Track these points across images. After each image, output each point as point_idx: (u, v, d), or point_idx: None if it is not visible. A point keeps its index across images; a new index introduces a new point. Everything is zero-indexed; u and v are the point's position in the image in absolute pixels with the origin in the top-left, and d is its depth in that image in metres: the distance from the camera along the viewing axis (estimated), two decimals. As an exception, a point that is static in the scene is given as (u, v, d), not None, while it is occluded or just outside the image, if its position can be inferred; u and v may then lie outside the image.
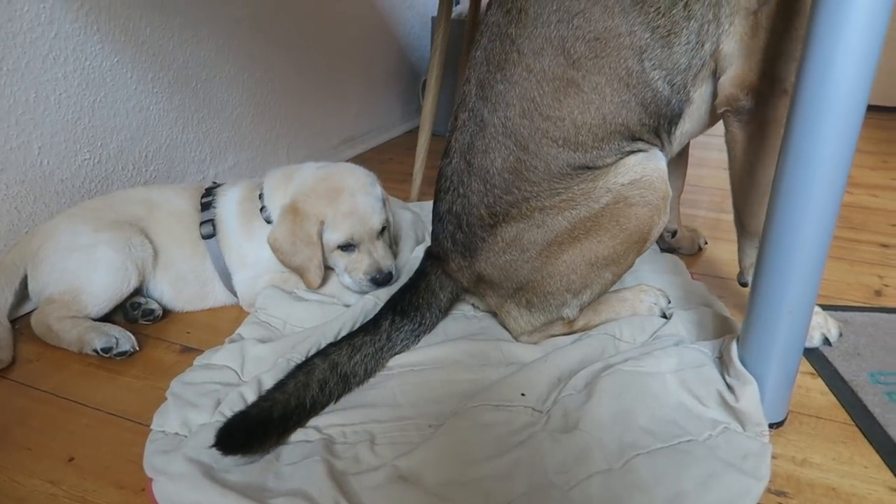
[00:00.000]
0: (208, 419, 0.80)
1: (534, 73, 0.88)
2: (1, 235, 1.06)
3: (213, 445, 0.71)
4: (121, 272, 0.99)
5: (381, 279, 1.04)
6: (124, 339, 0.95)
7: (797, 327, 0.79)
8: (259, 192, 1.09)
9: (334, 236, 1.02)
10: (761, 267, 0.79)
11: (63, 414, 0.86)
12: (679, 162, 1.21)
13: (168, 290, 1.07)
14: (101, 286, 0.98)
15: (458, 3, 2.17)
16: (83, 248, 0.99)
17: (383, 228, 1.07)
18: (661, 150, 0.94)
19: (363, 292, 1.05)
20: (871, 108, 2.65)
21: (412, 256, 1.19)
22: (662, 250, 1.33)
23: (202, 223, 1.07)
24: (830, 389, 0.93)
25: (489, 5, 0.95)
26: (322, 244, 1.02)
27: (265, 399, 0.79)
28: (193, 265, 1.07)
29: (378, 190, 1.07)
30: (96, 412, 0.86)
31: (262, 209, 1.07)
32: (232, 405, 0.80)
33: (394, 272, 1.07)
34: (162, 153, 1.32)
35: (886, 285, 1.24)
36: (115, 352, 0.94)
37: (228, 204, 1.09)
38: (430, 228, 1.24)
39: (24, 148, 1.06)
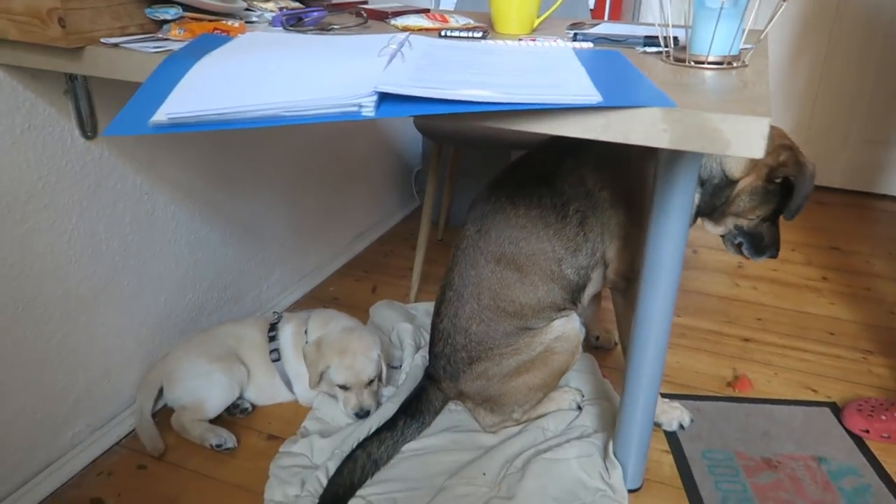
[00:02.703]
0: (299, 492, 1.35)
1: (495, 273, 1.44)
2: (144, 356, 1.60)
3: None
4: (229, 389, 1.55)
5: (361, 415, 1.56)
6: (230, 440, 1.50)
7: (643, 437, 1.36)
8: (304, 329, 1.64)
9: (335, 378, 1.56)
10: (622, 403, 1.36)
11: (207, 487, 1.40)
12: (594, 298, 1.78)
13: (253, 394, 1.63)
14: (217, 400, 1.53)
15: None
16: (203, 374, 1.53)
17: (372, 380, 1.59)
18: (577, 310, 1.51)
19: (350, 418, 1.58)
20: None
21: (413, 364, 1.75)
22: (592, 346, 1.90)
23: (271, 351, 1.63)
24: (676, 463, 1.50)
25: (465, 222, 1.51)
26: (321, 374, 1.56)
27: (332, 484, 1.34)
28: (267, 379, 1.62)
29: (376, 353, 1.58)
30: (225, 484, 1.41)
31: (306, 343, 1.62)
32: (313, 484, 1.36)
33: (372, 410, 1.57)
34: (234, 282, 1.87)
35: (737, 377, 1.81)
36: (223, 448, 1.49)
37: (285, 338, 1.64)
38: (426, 335, 1.82)
39: (156, 301, 1.60)
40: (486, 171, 2.50)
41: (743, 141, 0.67)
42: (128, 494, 1.38)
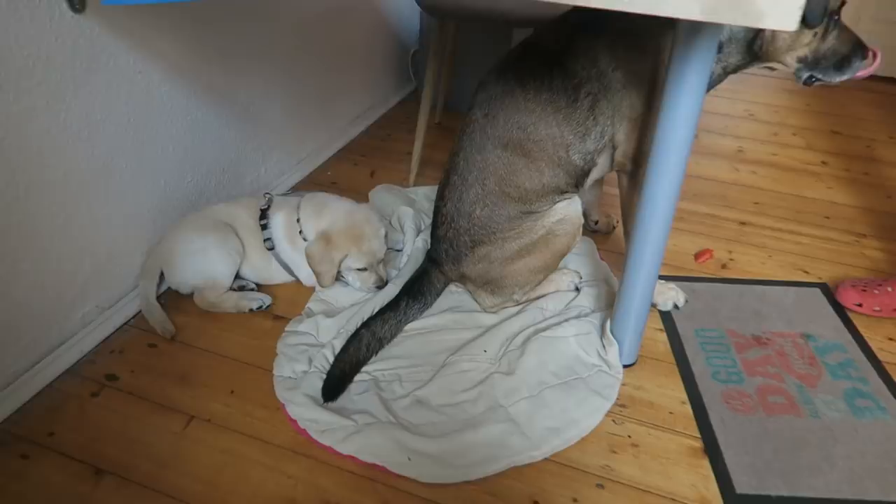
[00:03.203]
0: (307, 368, 1.40)
1: (501, 158, 1.42)
2: (146, 238, 1.60)
3: (325, 401, 1.32)
4: (228, 257, 1.56)
5: (382, 286, 1.61)
6: (265, 298, 1.59)
7: (640, 316, 1.40)
8: (297, 218, 1.61)
9: (355, 264, 1.56)
10: (621, 283, 1.39)
11: (216, 364, 1.45)
12: (596, 183, 1.77)
13: (249, 273, 1.64)
14: (223, 268, 1.56)
15: None
16: (199, 250, 1.54)
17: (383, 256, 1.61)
18: (578, 194, 1.51)
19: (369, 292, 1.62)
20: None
21: (415, 247, 1.76)
22: (591, 230, 1.92)
23: (265, 240, 1.62)
24: (669, 341, 1.56)
25: (471, 106, 1.47)
26: (339, 265, 1.56)
27: (338, 361, 1.38)
28: (262, 261, 1.63)
29: (383, 231, 1.62)
30: (235, 361, 1.46)
31: (300, 231, 1.60)
32: (320, 361, 1.40)
33: (390, 278, 1.64)
34: (232, 165, 1.84)
35: (732, 259, 1.84)
36: (263, 307, 1.58)
37: (277, 227, 1.62)
38: (426, 219, 1.83)
39: (156, 183, 1.59)
40: (486, 53, 2.42)
41: (778, 11, 0.64)
42: (140, 371, 1.43)
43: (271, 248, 1.63)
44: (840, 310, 1.65)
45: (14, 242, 1.26)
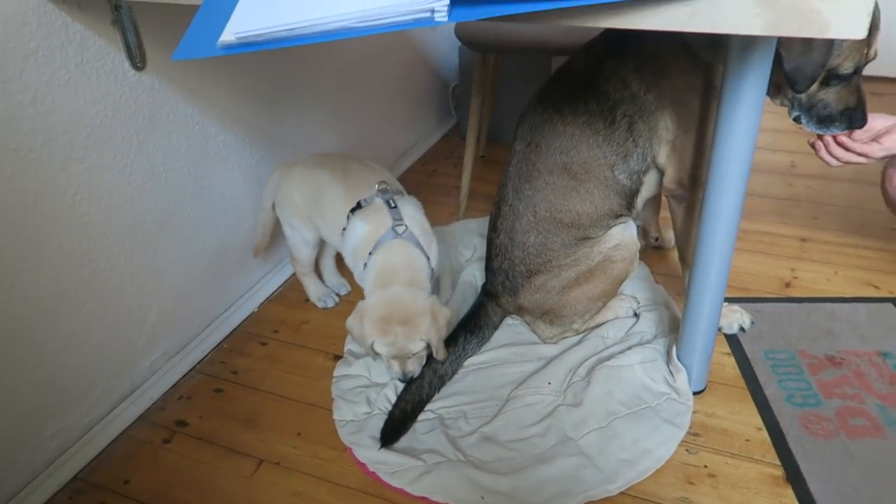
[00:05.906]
0: (369, 410, 1.40)
1: (549, 184, 1.42)
2: (207, 284, 1.64)
3: (382, 445, 1.30)
4: (308, 250, 1.67)
5: (403, 381, 1.41)
6: (329, 299, 1.79)
7: (708, 341, 1.36)
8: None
9: (378, 350, 1.38)
10: (686, 307, 1.35)
11: (281, 406, 1.46)
12: (652, 200, 1.74)
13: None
14: (301, 254, 1.69)
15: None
16: (289, 225, 1.65)
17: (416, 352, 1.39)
18: (632, 216, 1.50)
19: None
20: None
21: (462, 281, 1.76)
22: (651, 247, 1.90)
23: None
24: (738, 365, 1.51)
25: (514, 138, 1.48)
26: (371, 348, 1.39)
27: (400, 400, 1.38)
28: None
29: (425, 325, 1.36)
30: (299, 403, 1.46)
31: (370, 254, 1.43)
32: (382, 403, 1.40)
33: (416, 373, 1.41)
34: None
35: (795, 277, 1.79)
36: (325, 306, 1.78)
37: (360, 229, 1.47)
38: (464, 252, 1.83)
39: (216, 230, 1.62)
40: (526, 82, 2.43)
41: (846, 20, 0.63)
42: (208, 416, 1.44)
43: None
44: (917, 325, 1.58)
45: (86, 293, 1.30)
